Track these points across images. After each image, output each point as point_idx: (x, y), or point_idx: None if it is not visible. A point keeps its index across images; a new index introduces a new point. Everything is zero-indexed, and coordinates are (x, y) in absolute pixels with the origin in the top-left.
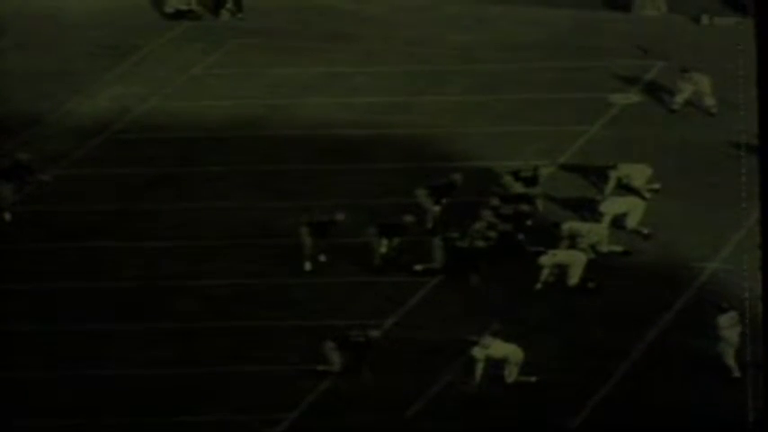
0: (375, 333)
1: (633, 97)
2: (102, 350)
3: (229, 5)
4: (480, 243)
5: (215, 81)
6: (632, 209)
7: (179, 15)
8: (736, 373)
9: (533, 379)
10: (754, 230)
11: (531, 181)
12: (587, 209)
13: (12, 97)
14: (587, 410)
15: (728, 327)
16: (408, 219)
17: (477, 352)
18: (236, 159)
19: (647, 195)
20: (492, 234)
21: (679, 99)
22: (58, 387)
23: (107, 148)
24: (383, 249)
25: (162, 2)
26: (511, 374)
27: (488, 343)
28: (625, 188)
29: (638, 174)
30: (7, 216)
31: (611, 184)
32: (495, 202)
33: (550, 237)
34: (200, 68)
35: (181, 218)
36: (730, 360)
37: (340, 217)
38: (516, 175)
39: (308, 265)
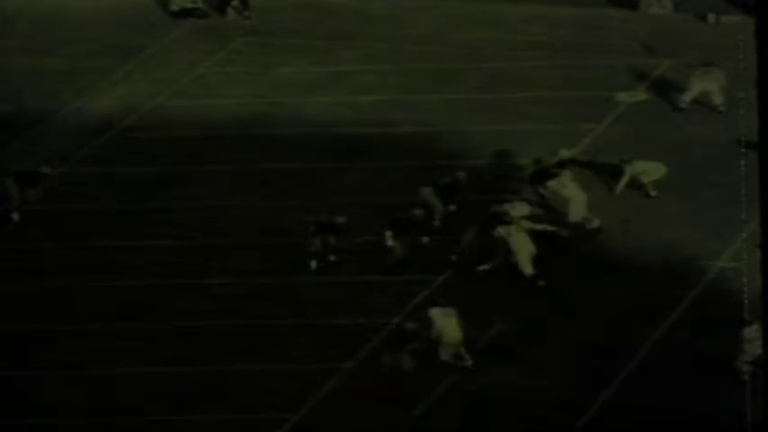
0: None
1: (639, 95)
2: (106, 349)
3: (235, 4)
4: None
5: (221, 79)
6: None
7: (185, 14)
8: (746, 377)
9: (469, 363)
10: (758, 229)
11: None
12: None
13: (17, 96)
14: (590, 410)
15: (752, 340)
16: (418, 212)
17: (434, 315)
18: (242, 158)
19: (653, 194)
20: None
21: (687, 97)
22: (62, 386)
23: (112, 146)
24: (398, 251)
25: (168, 0)
26: (445, 354)
27: (435, 314)
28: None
29: (654, 171)
30: (15, 216)
31: (625, 179)
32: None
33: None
34: (206, 67)
35: (186, 216)
36: (743, 366)
37: (341, 220)
38: (538, 163)
39: (313, 264)
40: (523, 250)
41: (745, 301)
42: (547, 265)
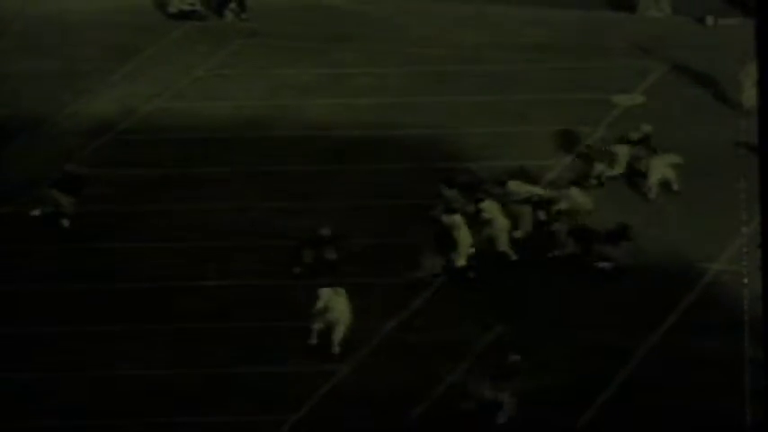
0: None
1: (637, 98)
2: (103, 351)
3: (233, 6)
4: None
5: (219, 82)
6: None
7: (183, 16)
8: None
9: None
10: (757, 231)
11: (642, 142)
12: None
13: (16, 98)
14: (590, 412)
15: None
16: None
17: (323, 293)
18: (240, 160)
19: (652, 196)
20: None
21: (748, 100)
22: (60, 388)
23: (111, 148)
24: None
25: (165, 2)
26: (336, 335)
27: (339, 293)
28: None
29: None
30: (65, 222)
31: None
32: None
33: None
34: (204, 69)
35: (185, 219)
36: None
37: (326, 232)
38: (627, 140)
39: (297, 270)
40: (464, 243)
41: (745, 305)
42: (545, 268)
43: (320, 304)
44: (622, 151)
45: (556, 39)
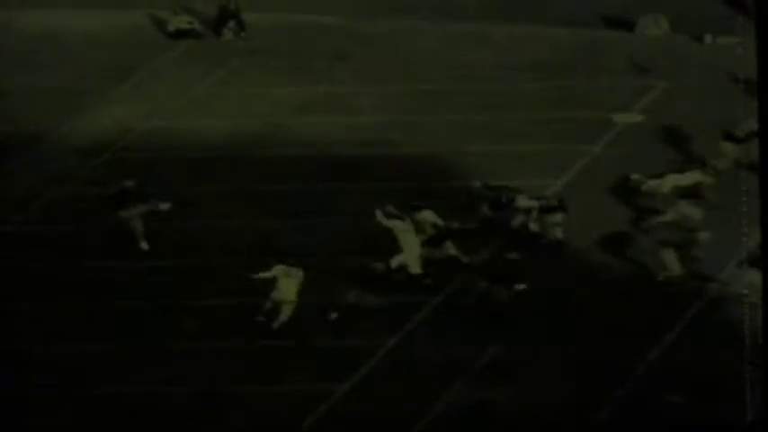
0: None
1: (636, 116)
2: (102, 369)
3: (231, 25)
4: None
5: (217, 100)
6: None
7: (181, 35)
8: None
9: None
10: (757, 248)
11: (746, 138)
12: None
13: (13, 117)
14: (587, 429)
15: None
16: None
17: (276, 268)
18: (238, 178)
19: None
20: None
21: None
22: (58, 405)
23: (109, 167)
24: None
25: (164, 21)
26: (281, 316)
27: (291, 273)
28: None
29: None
30: (144, 245)
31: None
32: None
33: None
34: (202, 88)
35: (182, 237)
36: None
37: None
38: (732, 137)
39: (333, 315)
40: (410, 249)
41: (745, 321)
42: (543, 285)
43: (266, 274)
44: (726, 148)
45: (554, 57)
